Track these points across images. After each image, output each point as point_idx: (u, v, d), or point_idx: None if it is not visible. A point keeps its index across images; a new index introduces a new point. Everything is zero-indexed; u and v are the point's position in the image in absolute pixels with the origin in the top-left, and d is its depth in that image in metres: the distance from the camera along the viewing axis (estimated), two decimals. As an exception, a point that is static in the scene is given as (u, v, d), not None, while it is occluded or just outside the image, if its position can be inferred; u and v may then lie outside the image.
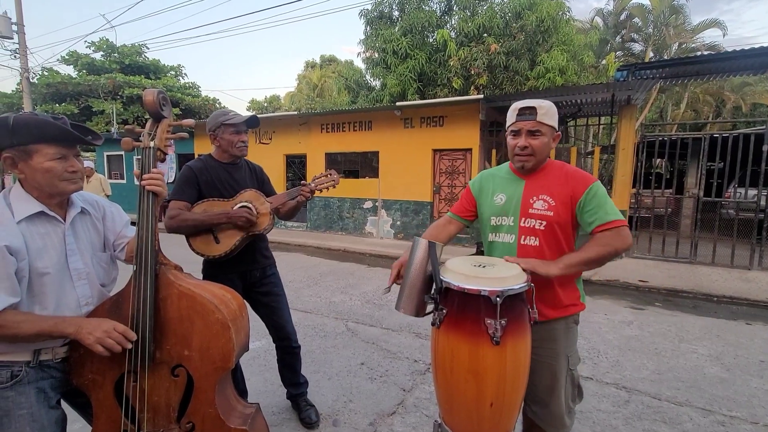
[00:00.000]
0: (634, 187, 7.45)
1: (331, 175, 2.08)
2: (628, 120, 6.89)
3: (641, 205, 7.72)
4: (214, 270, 2.00)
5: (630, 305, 4.63)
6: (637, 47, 16.86)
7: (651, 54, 15.91)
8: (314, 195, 2.06)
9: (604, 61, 14.01)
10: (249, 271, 2.09)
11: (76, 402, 1.35)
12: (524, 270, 1.30)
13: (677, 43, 16.00)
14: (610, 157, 10.23)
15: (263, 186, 2.15)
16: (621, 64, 10.54)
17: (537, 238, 1.46)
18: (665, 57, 15.12)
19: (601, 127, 12.90)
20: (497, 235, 1.55)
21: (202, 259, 1.99)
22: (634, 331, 3.76)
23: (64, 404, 1.31)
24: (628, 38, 16.84)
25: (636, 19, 16.26)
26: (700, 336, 3.67)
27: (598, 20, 17.10)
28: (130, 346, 1.18)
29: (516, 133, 1.47)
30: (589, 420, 2.32)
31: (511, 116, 1.49)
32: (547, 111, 1.43)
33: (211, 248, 1.90)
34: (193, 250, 1.92)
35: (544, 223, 1.45)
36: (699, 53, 12.63)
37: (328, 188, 2.08)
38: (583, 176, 1.47)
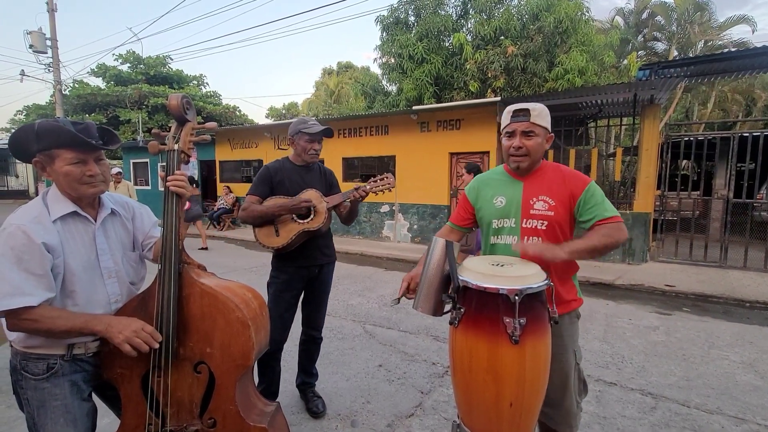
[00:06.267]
0: (658, 189, 7.23)
1: (387, 178, 2.17)
2: (651, 120, 6.71)
3: (667, 207, 7.48)
4: (278, 262, 2.21)
5: (656, 310, 4.48)
6: (661, 46, 16.39)
7: (675, 53, 15.43)
8: (366, 195, 2.15)
9: (625, 61, 13.69)
10: (308, 266, 2.22)
11: (106, 395, 1.41)
12: (531, 255, 1.34)
13: (703, 41, 15.49)
14: (632, 159, 9.96)
15: (331, 189, 2.30)
16: (643, 63, 10.28)
17: (539, 239, 1.49)
18: (690, 55, 14.66)
19: (623, 128, 12.59)
20: (499, 237, 1.57)
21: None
22: (661, 337, 3.64)
23: (94, 397, 1.36)
24: (650, 37, 16.39)
25: (659, 18, 15.82)
26: (731, 342, 3.52)
27: (619, 20, 16.72)
28: (156, 346, 1.22)
29: (510, 135, 1.51)
30: (613, 426, 2.25)
31: (505, 118, 1.53)
32: (540, 113, 1.48)
33: (271, 240, 2.11)
34: (258, 240, 2.13)
35: (546, 223, 1.48)
36: (726, 50, 12.19)
37: (383, 191, 2.17)
38: (581, 176, 1.53)
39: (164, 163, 1.35)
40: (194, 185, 7.87)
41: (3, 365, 2.88)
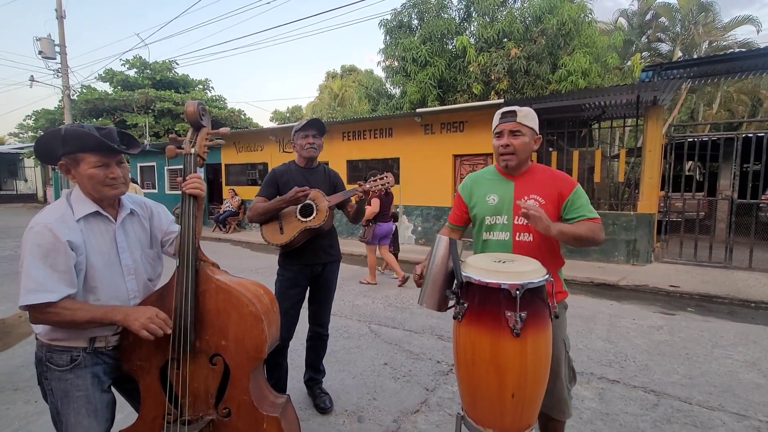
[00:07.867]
0: (662, 190, 7.23)
1: (385, 177, 2.23)
2: (654, 121, 6.73)
3: (671, 208, 7.47)
4: (284, 260, 2.32)
5: (660, 310, 4.49)
6: (664, 47, 16.38)
7: (679, 53, 15.43)
8: (368, 195, 2.24)
9: (629, 63, 13.68)
10: (312, 264, 2.31)
11: (125, 388, 1.47)
12: (531, 215, 1.43)
13: (707, 42, 15.46)
14: (636, 160, 9.97)
15: (335, 189, 2.39)
16: (647, 64, 10.30)
17: (531, 234, 1.59)
18: (694, 56, 14.63)
19: (627, 129, 12.59)
20: (491, 233, 1.66)
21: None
22: (664, 336, 3.66)
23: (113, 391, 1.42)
24: (654, 38, 16.39)
25: (662, 19, 15.83)
26: (735, 341, 3.54)
27: (623, 21, 16.73)
28: (169, 332, 1.29)
29: (499, 134, 1.62)
30: (615, 422, 2.29)
31: (495, 120, 1.64)
32: (526, 114, 1.59)
33: (275, 237, 2.22)
34: (264, 238, 2.24)
35: None
36: (730, 51, 12.16)
37: (382, 191, 2.23)
38: (568, 178, 1.66)
39: (171, 167, 1.42)
40: None
41: (20, 363, 2.98)
